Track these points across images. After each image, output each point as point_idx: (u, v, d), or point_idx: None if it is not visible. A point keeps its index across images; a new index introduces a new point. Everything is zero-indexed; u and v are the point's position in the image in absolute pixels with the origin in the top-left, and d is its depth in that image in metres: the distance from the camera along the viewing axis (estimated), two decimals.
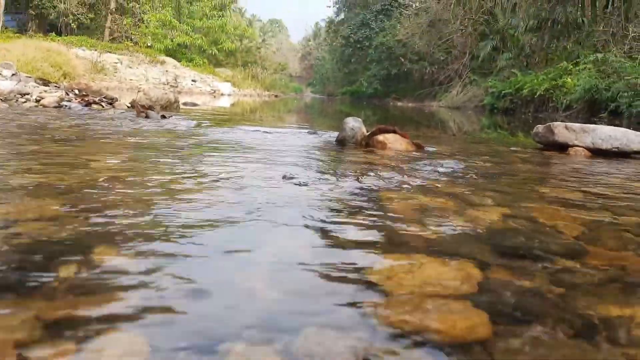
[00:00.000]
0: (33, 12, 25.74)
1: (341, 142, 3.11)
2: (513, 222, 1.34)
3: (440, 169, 2.24)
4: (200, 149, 2.57)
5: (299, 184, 1.71)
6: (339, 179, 1.86)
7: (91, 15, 26.72)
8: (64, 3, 24.79)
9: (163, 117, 4.36)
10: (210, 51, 25.65)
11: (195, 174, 1.79)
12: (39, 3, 25.05)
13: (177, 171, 1.84)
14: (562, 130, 3.22)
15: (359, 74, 36.52)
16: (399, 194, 1.66)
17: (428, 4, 26.56)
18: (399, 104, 25.17)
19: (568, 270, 0.97)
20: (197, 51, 25.08)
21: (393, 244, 1.12)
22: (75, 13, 25.30)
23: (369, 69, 34.00)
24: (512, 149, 3.53)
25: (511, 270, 0.95)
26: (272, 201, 1.44)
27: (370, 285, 0.86)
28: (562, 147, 3.23)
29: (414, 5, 29.73)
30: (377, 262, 0.98)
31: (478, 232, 1.23)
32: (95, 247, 0.98)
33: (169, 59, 21.28)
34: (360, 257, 1.00)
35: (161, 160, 2.12)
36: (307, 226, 1.21)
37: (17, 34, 19.63)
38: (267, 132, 3.85)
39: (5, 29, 22.29)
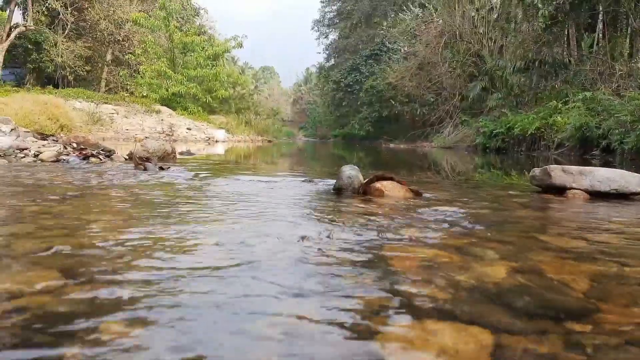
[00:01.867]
0: (31, 66, 26.21)
1: (338, 191, 3.11)
2: (521, 277, 1.33)
3: (441, 218, 2.24)
4: (199, 204, 2.57)
5: (299, 240, 1.70)
6: (339, 233, 1.85)
7: (88, 68, 27.23)
8: (62, 57, 25.27)
9: (161, 168, 4.37)
10: (205, 99, 26.00)
11: (197, 234, 1.77)
12: (37, 57, 25.53)
13: (180, 231, 1.83)
14: (559, 173, 3.25)
15: (351, 117, 37.10)
16: (402, 249, 1.65)
17: (416, 48, 27.27)
18: (391, 145, 25.42)
19: (582, 333, 0.96)
20: (191, 99, 25.42)
21: (403, 307, 1.10)
22: (72, 66, 25.75)
23: (360, 111, 34.56)
24: (510, 192, 3.55)
25: (525, 335, 0.94)
26: (272, 261, 1.43)
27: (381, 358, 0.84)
28: (560, 190, 3.25)
29: (402, 50, 30.49)
30: (389, 331, 0.96)
31: (487, 291, 1.21)
32: (102, 322, 0.96)
33: (164, 108, 21.54)
34: (370, 325, 0.98)
35: (162, 218, 2.11)
36: (311, 291, 1.19)
37: (15, 88, 19.91)
38: (263, 182, 3.86)
39: (4, 83, 22.62)
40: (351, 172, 3.09)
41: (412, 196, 2.98)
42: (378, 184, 3.00)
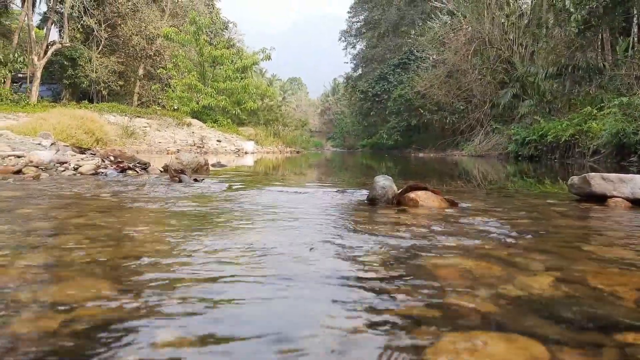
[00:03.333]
0: (67, 82, 27.07)
1: (372, 201, 3.11)
2: (567, 288, 1.31)
3: (479, 228, 2.22)
4: (237, 215, 2.60)
5: (339, 252, 1.71)
6: (378, 244, 1.85)
7: (121, 82, 27.96)
8: (96, 72, 26.04)
9: (195, 180, 4.45)
10: (234, 111, 26.36)
11: (238, 244, 1.80)
12: (72, 73, 26.35)
13: (220, 242, 1.86)
14: (599, 181, 3.18)
15: (379, 126, 37.01)
16: (443, 259, 1.65)
17: (445, 56, 27.05)
18: (421, 154, 25.21)
19: (636, 345, 0.94)
20: (221, 112, 25.81)
21: (448, 318, 1.10)
22: (106, 81, 26.49)
23: (388, 121, 34.43)
24: (548, 201, 3.48)
25: (578, 347, 0.93)
26: (314, 273, 1.44)
27: None
28: (600, 199, 3.18)
29: (431, 58, 30.29)
30: (436, 342, 0.96)
31: (533, 302, 1.20)
32: (155, 332, 0.99)
33: (195, 121, 21.93)
34: (417, 336, 0.99)
35: (202, 229, 2.15)
36: (355, 302, 1.20)
37: (52, 103, 20.61)
38: (297, 193, 3.89)
39: (42, 98, 23.42)
40: (385, 183, 3.09)
41: (447, 206, 2.95)
42: (412, 194, 2.98)
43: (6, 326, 0.99)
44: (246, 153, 18.20)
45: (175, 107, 25.07)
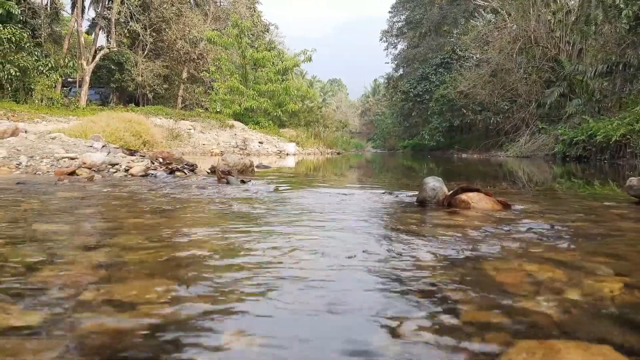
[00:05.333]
0: (114, 86, 27.99)
1: (422, 203, 3.07)
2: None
3: (537, 231, 2.15)
4: (287, 216, 2.62)
5: (393, 255, 1.70)
6: (433, 247, 1.83)
7: (165, 86, 28.66)
8: (142, 76, 26.81)
9: (242, 182, 4.51)
10: (275, 113, 26.61)
11: (293, 245, 1.81)
12: (119, 77, 27.23)
13: (275, 243, 1.87)
14: None
15: (420, 127, 36.56)
16: (503, 263, 1.61)
17: (489, 55, 26.48)
18: (464, 155, 24.75)
19: None
20: (262, 114, 26.10)
21: (517, 324, 1.07)
22: (152, 84, 27.25)
23: (430, 121, 33.97)
24: (605, 203, 3.36)
25: None
26: (371, 275, 1.43)
27: None
28: None
29: (474, 57, 29.74)
30: (508, 349, 0.94)
31: (605, 308, 1.15)
32: (222, 331, 1.00)
33: (237, 123, 22.26)
34: (486, 343, 0.96)
35: (256, 231, 2.18)
36: (419, 305, 1.19)
37: (100, 107, 21.38)
38: (343, 194, 3.89)
39: (90, 102, 24.32)
40: (435, 184, 3.05)
41: (500, 208, 2.89)
42: (464, 196, 2.93)
43: (75, 324, 1.03)
44: (287, 154, 18.34)
45: (218, 110, 25.52)
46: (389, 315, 1.12)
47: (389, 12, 49.76)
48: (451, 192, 3.02)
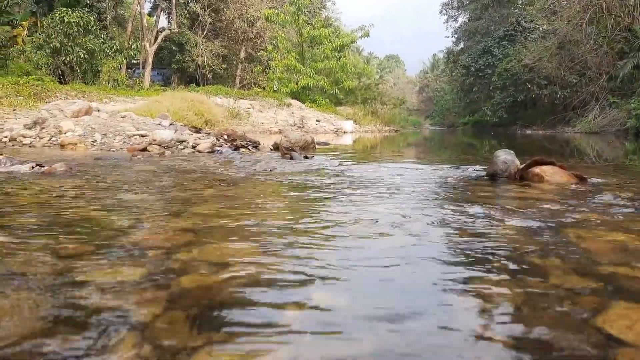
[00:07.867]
0: (175, 67, 28.75)
1: (492, 176, 3.01)
2: None
3: (619, 203, 2.07)
4: (358, 187, 2.64)
5: (471, 225, 1.69)
6: (510, 218, 1.80)
7: (224, 66, 29.14)
8: (201, 56, 27.38)
9: (306, 157, 4.56)
10: (332, 91, 26.50)
11: (363, 217, 1.83)
12: (180, 58, 27.93)
13: (346, 212, 1.90)
14: None
15: (481, 103, 35.39)
16: (586, 232, 1.56)
17: (556, 26, 25.14)
18: (528, 131, 23.81)
19: None
20: (319, 92, 26.07)
21: (614, 288, 1.05)
22: (211, 64, 27.79)
23: (492, 97, 32.80)
24: None
25: None
26: (452, 243, 1.44)
27: (610, 337, 0.81)
28: None
29: (540, 28, 28.35)
30: (604, 310, 0.92)
31: None
32: (311, 290, 1.04)
33: (294, 101, 22.36)
34: (580, 305, 0.95)
35: (327, 201, 2.21)
36: (505, 269, 1.18)
37: (163, 87, 22.04)
38: (409, 169, 3.87)
39: (153, 82, 25.14)
40: (507, 157, 2.97)
41: (576, 181, 2.79)
42: (537, 169, 2.85)
43: (173, 280, 1.10)
44: (345, 132, 18.30)
45: (275, 89, 25.71)
46: (475, 276, 1.12)
47: None
48: (523, 165, 2.94)
